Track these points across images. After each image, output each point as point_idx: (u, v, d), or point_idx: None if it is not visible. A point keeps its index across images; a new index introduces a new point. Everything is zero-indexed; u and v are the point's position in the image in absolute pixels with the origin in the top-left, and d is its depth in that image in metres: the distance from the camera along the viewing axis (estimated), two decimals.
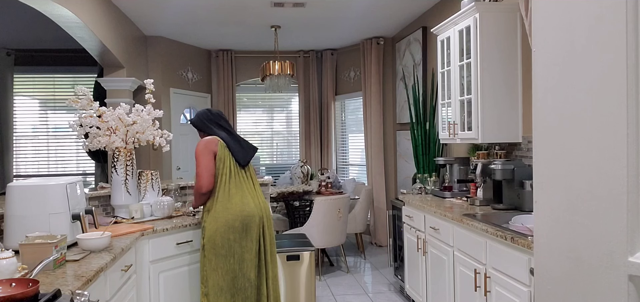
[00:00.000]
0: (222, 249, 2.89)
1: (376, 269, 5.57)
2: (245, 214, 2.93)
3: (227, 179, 2.98)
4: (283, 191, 5.45)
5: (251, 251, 2.94)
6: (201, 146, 2.97)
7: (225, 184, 2.97)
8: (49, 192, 2.30)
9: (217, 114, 3.17)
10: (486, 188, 3.46)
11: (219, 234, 2.89)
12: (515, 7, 3.37)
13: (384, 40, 6.67)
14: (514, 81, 3.44)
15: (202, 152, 2.96)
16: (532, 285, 2.17)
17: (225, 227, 2.89)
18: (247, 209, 2.95)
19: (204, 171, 2.94)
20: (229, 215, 2.90)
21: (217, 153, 2.98)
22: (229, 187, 2.97)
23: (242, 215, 2.93)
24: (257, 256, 2.98)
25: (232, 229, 2.90)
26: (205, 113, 3.15)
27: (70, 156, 7.23)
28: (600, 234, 1.45)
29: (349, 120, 7.52)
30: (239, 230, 2.92)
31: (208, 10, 5.22)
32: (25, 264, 1.93)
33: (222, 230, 2.89)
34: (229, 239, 2.90)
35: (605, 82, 1.43)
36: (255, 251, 2.97)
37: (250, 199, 3.00)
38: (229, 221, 2.90)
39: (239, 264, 2.91)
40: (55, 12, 3.69)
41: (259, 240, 3.00)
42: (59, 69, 7.06)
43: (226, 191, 2.95)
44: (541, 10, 1.73)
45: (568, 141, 1.58)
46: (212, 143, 2.99)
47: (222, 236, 2.89)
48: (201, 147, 2.97)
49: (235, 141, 3.08)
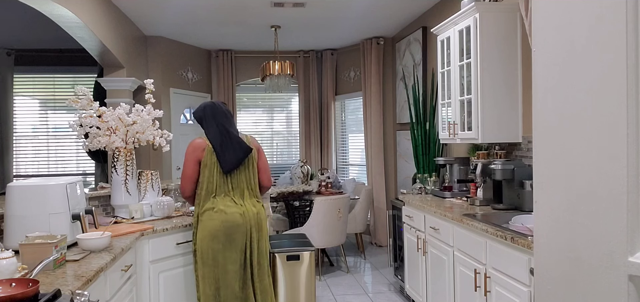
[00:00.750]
0: (207, 258, 2.87)
1: (376, 269, 5.57)
2: (228, 224, 2.88)
3: (214, 187, 2.93)
4: (283, 191, 5.45)
5: (235, 262, 2.89)
6: (188, 150, 2.97)
7: (211, 192, 2.93)
8: (49, 192, 2.30)
9: (220, 109, 3.08)
10: (486, 188, 3.46)
11: (205, 242, 2.87)
12: (515, 7, 3.37)
13: (384, 40, 6.67)
14: (514, 81, 3.44)
15: (188, 158, 2.96)
16: (532, 285, 2.17)
17: (209, 236, 2.86)
18: (232, 218, 2.89)
19: (185, 177, 2.97)
20: (213, 224, 2.86)
21: (203, 160, 2.94)
22: (215, 195, 2.93)
23: (225, 226, 2.87)
24: (242, 267, 2.92)
25: (216, 238, 2.86)
26: (209, 107, 3.09)
27: (70, 156, 7.23)
28: (600, 234, 1.45)
29: (349, 120, 7.52)
30: (222, 240, 2.87)
31: (208, 10, 5.22)
32: (25, 264, 1.93)
33: (207, 239, 2.86)
34: (213, 249, 2.86)
35: (605, 82, 1.43)
36: (240, 262, 2.91)
37: (236, 209, 2.92)
38: (213, 230, 2.86)
39: (222, 274, 2.87)
40: (55, 12, 3.69)
41: (245, 251, 2.93)
42: (59, 69, 7.06)
43: (211, 199, 2.92)
44: (541, 10, 1.73)
45: (568, 141, 1.58)
46: (198, 148, 2.95)
47: (208, 245, 2.86)
48: (188, 151, 2.97)
49: (227, 144, 2.97)
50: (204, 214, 2.89)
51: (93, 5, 4.21)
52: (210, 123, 3.04)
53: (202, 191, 2.94)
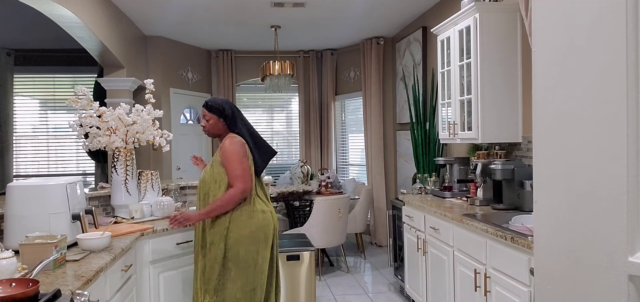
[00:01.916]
0: (244, 261, 2.72)
1: (376, 269, 5.57)
2: (266, 223, 2.80)
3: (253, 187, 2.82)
4: (283, 191, 5.45)
5: (268, 261, 2.81)
6: (239, 146, 2.75)
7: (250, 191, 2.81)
8: (49, 192, 2.31)
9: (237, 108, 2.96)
10: (486, 188, 3.46)
11: (243, 244, 2.72)
12: (515, 7, 3.37)
13: (384, 40, 6.67)
14: (514, 81, 3.44)
15: (241, 153, 2.75)
16: (532, 285, 2.17)
17: (250, 237, 2.73)
18: (268, 217, 2.82)
19: (247, 174, 2.74)
20: (254, 224, 2.75)
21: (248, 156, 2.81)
22: (252, 194, 2.80)
23: (264, 224, 2.79)
24: (270, 267, 2.87)
25: (256, 240, 2.75)
26: (231, 104, 2.92)
27: (70, 156, 7.23)
28: (600, 234, 1.45)
29: (349, 120, 7.52)
30: (262, 240, 2.77)
31: (208, 10, 5.22)
32: (25, 264, 1.93)
33: (247, 241, 2.72)
34: (252, 250, 2.74)
35: (605, 81, 1.42)
36: (271, 261, 2.86)
37: (268, 208, 2.86)
38: (254, 231, 2.74)
39: (259, 275, 2.77)
40: (55, 12, 3.69)
41: (273, 250, 2.87)
42: (59, 69, 7.06)
43: (250, 198, 2.78)
44: (541, 10, 1.73)
45: (568, 141, 1.58)
46: (245, 145, 2.80)
47: (247, 248, 2.72)
48: (239, 147, 2.75)
49: (256, 144, 2.90)
50: (243, 214, 2.74)
51: (93, 5, 4.21)
52: (239, 121, 2.88)
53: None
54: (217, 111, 2.83)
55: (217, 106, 2.84)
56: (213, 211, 2.72)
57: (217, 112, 2.83)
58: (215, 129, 2.87)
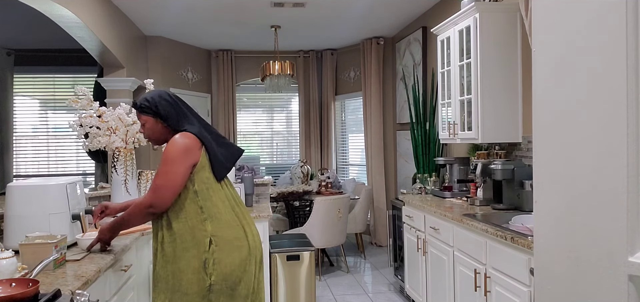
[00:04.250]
0: (243, 287, 2.14)
1: (376, 269, 5.57)
2: (257, 240, 2.25)
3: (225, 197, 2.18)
4: (283, 191, 5.45)
5: (263, 282, 2.32)
6: (181, 148, 2.06)
7: (224, 202, 2.16)
8: (49, 192, 2.30)
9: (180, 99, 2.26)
10: (486, 188, 3.46)
11: (238, 268, 2.11)
12: (515, 7, 3.37)
13: (384, 40, 6.67)
14: (514, 81, 3.44)
15: (177, 156, 2.05)
16: (532, 285, 2.17)
17: (247, 258, 2.15)
18: (256, 231, 2.27)
19: (171, 184, 2.04)
20: (248, 243, 2.17)
21: (200, 161, 2.11)
22: (232, 206, 2.19)
23: (257, 242, 2.23)
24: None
25: (254, 260, 2.19)
26: (173, 96, 2.23)
27: (70, 156, 7.23)
28: (600, 234, 1.45)
29: (349, 120, 7.52)
30: (259, 261, 2.23)
31: (208, 10, 5.22)
32: (25, 264, 1.93)
33: (243, 264, 2.13)
34: (249, 272, 2.17)
35: (605, 81, 1.43)
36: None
37: (251, 221, 2.27)
38: (252, 250, 2.18)
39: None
40: (55, 12, 3.69)
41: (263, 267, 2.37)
42: (59, 69, 7.06)
43: (229, 209, 2.17)
44: (541, 10, 1.73)
45: (568, 141, 1.58)
46: (195, 147, 2.10)
47: (245, 271, 2.14)
48: (181, 149, 2.06)
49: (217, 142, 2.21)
50: (229, 232, 2.12)
51: (93, 5, 4.21)
52: (190, 114, 2.22)
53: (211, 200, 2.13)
54: (151, 111, 2.17)
55: (148, 104, 2.16)
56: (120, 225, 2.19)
57: (150, 111, 2.17)
58: (156, 134, 2.22)
